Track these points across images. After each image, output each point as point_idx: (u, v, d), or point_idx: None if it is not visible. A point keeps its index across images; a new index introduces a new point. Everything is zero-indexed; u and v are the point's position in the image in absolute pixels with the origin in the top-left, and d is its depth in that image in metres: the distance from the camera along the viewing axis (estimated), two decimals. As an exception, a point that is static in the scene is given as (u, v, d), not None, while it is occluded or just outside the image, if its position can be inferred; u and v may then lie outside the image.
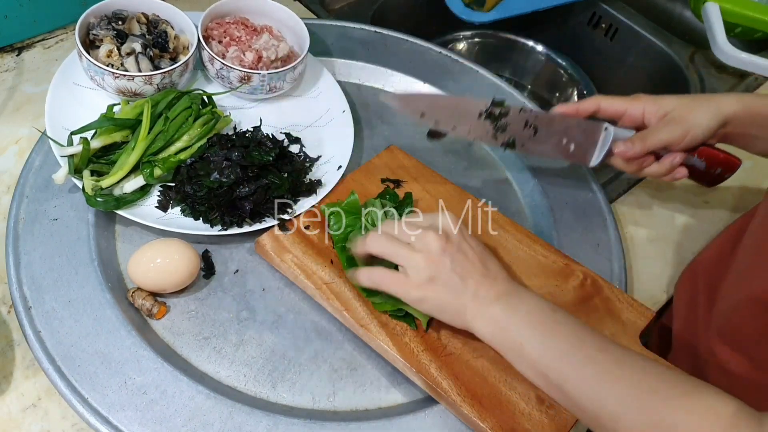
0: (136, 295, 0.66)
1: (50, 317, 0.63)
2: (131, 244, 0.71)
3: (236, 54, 0.80)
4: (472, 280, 0.59)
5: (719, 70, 1.09)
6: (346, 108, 0.83)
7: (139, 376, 0.61)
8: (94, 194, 0.68)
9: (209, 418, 0.59)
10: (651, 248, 0.81)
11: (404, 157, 0.80)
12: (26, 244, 0.68)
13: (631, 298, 0.70)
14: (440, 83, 0.91)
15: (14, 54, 0.88)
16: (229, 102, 0.82)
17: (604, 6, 1.19)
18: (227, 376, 0.63)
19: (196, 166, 0.72)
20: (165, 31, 0.78)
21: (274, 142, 0.75)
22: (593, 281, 0.71)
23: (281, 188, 0.72)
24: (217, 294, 0.69)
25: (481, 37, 1.25)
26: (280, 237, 0.70)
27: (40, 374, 0.61)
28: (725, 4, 1.02)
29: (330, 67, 0.89)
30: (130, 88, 0.74)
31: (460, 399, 0.60)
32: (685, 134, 0.69)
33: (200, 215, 0.71)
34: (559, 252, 0.73)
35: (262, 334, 0.66)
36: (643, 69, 1.17)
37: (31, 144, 0.76)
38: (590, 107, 0.73)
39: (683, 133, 0.69)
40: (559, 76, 1.22)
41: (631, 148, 0.70)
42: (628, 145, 0.71)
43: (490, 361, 0.63)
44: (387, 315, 0.65)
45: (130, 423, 0.58)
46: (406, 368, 0.63)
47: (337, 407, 0.63)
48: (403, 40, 0.96)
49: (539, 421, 0.60)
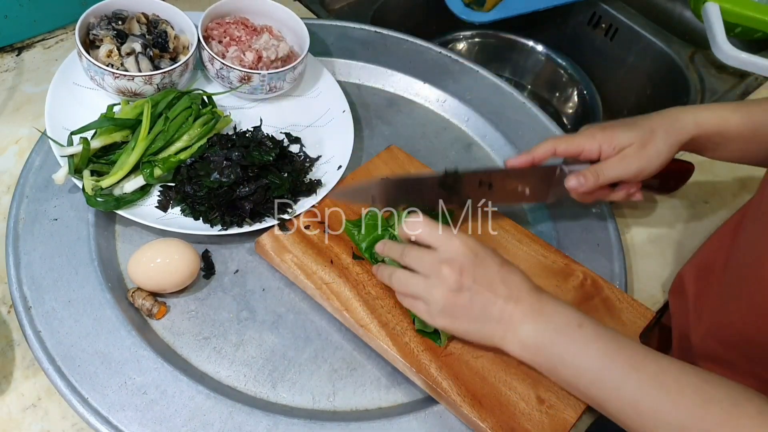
0: (136, 295, 0.66)
1: (50, 317, 0.63)
2: (131, 244, 0.71)
3: (236, 54, 0.80)
4: (495, 306, 0.59)
5: (719, 70, 1.09)
6: (346, 108, 0.83)
7: (139, 376, 0.61)
8: (94, 194, 0.68)
9: (209, 418, 0.59)
10: (651, 248, 0.81)
11: (404, 157, 0.80)
12: (26, 244, 0.68)
13: (631, 299, 0.70)
14: (440, 83, 0.91)
15: (14, 54, 0.88)
16: (229, 102, 0.82)
17: (604, 6, 1.19)
18: (227, 376, 0.63)
19: (197, 166, 0.72)
20: (165, 31, 0.78)
21: (274, 142, 0.75)
22: (593, 281, 0.71)
23: (281, 188, 0.72)
24: (217, 294, 0.69)
25: (481, 37, 1.25)
26: (280, 237, 0.70)
27: (40, 374, 0.61)
28: (725, 4, 1.02)
29: (330, 67, 0.89)
30: (130, 88, 0.74)
31: (460, 399, 0.60)
32: (641, 170, 0.70)
33: (200, 215, 0.71)
34: (559, 252, 0.73)
35: (262, 334, 0.66)
36: (643, 69, 1.17)
37: (31, 144, 0.76)
38: (545, 154, 0.72)
39: (639, 169, 0.70)
40: (559, 76, 1.22)
41: (584, 184, 0.70)
42: (581, 180, 0.70)
43: (490, 362, 0.63)
44: (388, 315, 0.65)
45: (130, 423, 0.58)
46: (406, 368, 0.63)
47: (337, 407, 0.63)
48: (403, 40, 0.96)
49: (539, 421, 0.60)
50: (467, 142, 0.88)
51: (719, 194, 0.88)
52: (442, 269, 0.58)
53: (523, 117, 0.89)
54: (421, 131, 0.88)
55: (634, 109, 1.21)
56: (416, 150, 0.84)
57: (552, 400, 0.61)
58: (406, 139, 0.86)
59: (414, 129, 0.87)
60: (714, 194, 0.88)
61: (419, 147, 0.85)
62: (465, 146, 0.87)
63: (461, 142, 0.87)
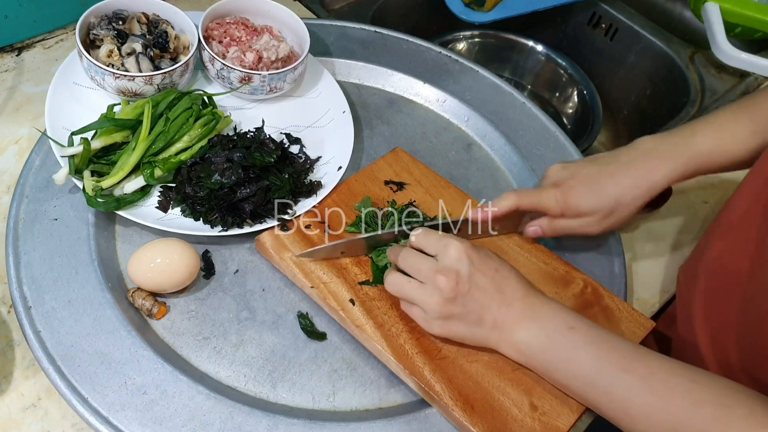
0: (136, 295, 0.66)
1: (50, 317, 0.63)
2: (131, 244, 0.71)
3: (237, 54, 0.80)
4: (489, 313, 0.60)
5: (719, 70, 1.09)
6: (346, 108, 0.83)
7: (139, 376, 0.61)
8: (94, 195, 0.68)
9: (209, 418, 0.59)
10: (651, 248, 0.81)
11: (409, 160, 0.80)
12: (26, 244, 0.68)
13: (631, 308, 0.69)
14: (440, 83, 0.91)
15: (14, 54, 0.89)
16: (229, 102, 0.82)
17: (604, 6, 1.19)
18: (227, 376, 0.63)
19: (197, 167, 0.71)
20: (165, 31, 0.78)
21: (276, 144, 0.75)
22: (594, 289, 0.70)
23: (282, 189, 0.72)
24: (217, 294, 0.69)
25: (481, 37, 1.25)
26: (280, 235, 0.70)
27: (40, 374, 0.61)
28: (725, 4, 1.02)
29: (330, 67, 0.89)
30: (131, 89, 0.74)
31: (452, 402, 0.60)
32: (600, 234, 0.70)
33: (200, 216, 0.71)
34: (560, 259, 0.73)
35: (262, 334, 0.66)
36: (643, 69, 1.17)
37: (31, 144, 0.76)
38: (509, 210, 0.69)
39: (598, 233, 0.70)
40: (559, 76, 1.22)
41: (541, 235, 0.71)
42: (538, 231, 0.71)
43: (484, 366, 0.63)
44: (384, 316, 0.65)
45: (130, 423, 0.58)
46: (399, 370, 0.63)
47: (337, 407, 0.63)
48: (403, 40, 0.96)
49: (532, 427, 0.59)
50: (467, 142, 0.88)
51: (719, 194, 0.88)
52: (439, 278, 0.59)
53: (523, 117, 0.89)
54: (421, 131, 0.88)
55: (634, 109, 1.21)
56: (416, 150, 0.84)
57: (545, 407, 0.61)
58: (406, 139, 0.86)
59: (414, 129, 0.87)
60: (714, 194, 0.88)
61: (419, 147, 0.85)
62: (465, 146, 0.87)
63: (461, 142, 0.87)
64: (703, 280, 0.65)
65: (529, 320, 0.59)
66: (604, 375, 0.56)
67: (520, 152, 0.85)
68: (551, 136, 0.87)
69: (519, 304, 0.60)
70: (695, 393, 0.52)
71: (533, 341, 0.59)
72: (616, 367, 0.55)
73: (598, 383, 0.56)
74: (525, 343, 0.59)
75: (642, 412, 0.53)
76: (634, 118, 1.21)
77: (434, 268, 0.60)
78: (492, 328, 0.60)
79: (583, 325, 0.59)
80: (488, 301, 0.59)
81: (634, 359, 0.56)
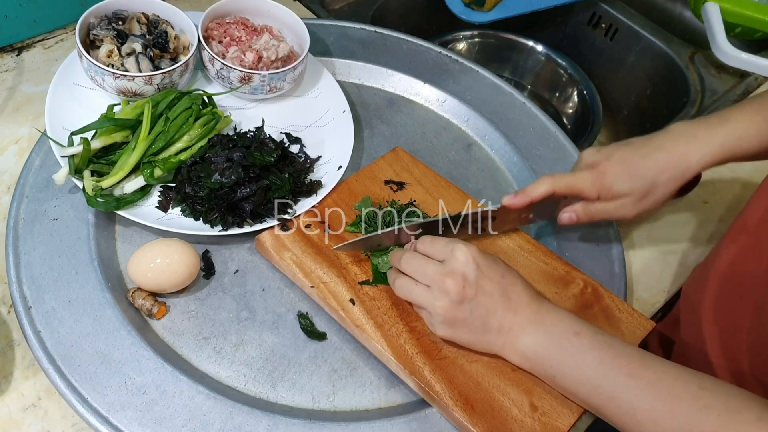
0: (136, 295, 0.66)
1: (50, 317, 0.63)
2: (131, 244, 0.71)
3: (236, 54, 0.80)
4: (495, 318, 0.59)
5: (719, 70, 1.09)
6: (346, 108, 0.83)
7: (139, 376, 0.61)
8: (94, 194, 0.68)
9: (209, 418, 0.59)
10: (651, 248, 0.81)
11: (409, 159, 0.80)
12: (26, 244, 0.68)
13: (631, 308, 0.69)
14: (440, 83, 0.91)
15: (14, 54, 0.89)
16: (229, 102, 0.82)
17: (604, 6, 1.19)
18: (227, 376, 0.63)
19: (197, 167, 0.71)
20: (165, 31, 0.78)
21: (276, 143, 0.75)
22: (594, 289, 0.70)
23: (282, 189, 0.72)
24: (217, 294, 0.69)
25: (481, 37, 1.25)
26: (280, 235, 0.70)
27: (40, 374, 0.61)
28: (725, 4, 1.02)
29: (330, 67, 0.89)
30: (131, 89, 0.74)
31: (452, 402, 0.60)
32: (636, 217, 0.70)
33: (200, 216, 0.71)
34: (560, 259, 0.73)
35: (262, 334, 0.66)
36: (643, 69, 1.17)
37: (31, 144, 0.76)
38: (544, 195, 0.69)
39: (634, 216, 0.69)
40: (559, 76, 1.22)
41: (575, 222, 0.71)
42: (573, 218, 0.71)
43: (484, 366, 0.63)
44: (384, 316, 0.65)
45: (130, 423, 0.58)
46: (399, 370, 0.63)
47: (337, 407, 0.63)
48: (403, 40, 0.96)
49: (532, 428, 0.59)
50: (467, 142, 0.88)
51: (719, 194, 0.88)
52: (446, 281, 0.59)
53: (523, 117, 0.89)
54: (421, 131, 0.88)
55: (634, 109, 1.21)
56: (416, 150, 0.84)
57: (545, 407, 0.61)
58: (406, 139, 0.86)
59: (414, 129, 0.87)
60: (714, 194, 0.88)
61: (419, 147, 0.85)
62: (465, 146, 0.87)
63: (461, 142, 0.87)
64: (714, 283, 0.65)
65: (534, 326, 0.59)
66: (611, 380, 0.55)
67: (520, 152, 0.85)
68: (551, 136, 0.87)
69: (525, 310, 0.60)
70: (703, 399, 0.52)
71: (539, 347, 0.59)
72: (623, 372, 0.55)
73: (605, 388, 0.56)
74: (531, 348, 0.59)
75: (649, 418, 0.53)
76: (634, 118, 1.21)
77: (441, 271, 0.59)
78: (497, 333, 0.60)
79: (588, 331, 0.58)
80: (494, 306, 0.59)
81: (641, 365, 0.55)
